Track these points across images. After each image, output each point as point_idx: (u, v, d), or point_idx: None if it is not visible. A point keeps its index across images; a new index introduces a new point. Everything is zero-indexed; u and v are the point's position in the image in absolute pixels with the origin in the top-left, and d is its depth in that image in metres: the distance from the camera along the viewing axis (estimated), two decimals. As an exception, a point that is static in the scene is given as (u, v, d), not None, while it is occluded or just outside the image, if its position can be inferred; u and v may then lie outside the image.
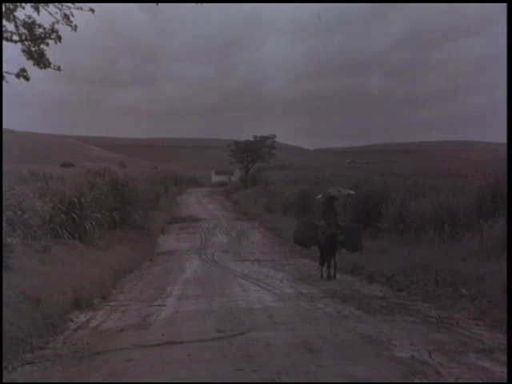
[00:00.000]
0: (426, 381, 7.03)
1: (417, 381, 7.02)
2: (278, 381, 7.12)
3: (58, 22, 10.67)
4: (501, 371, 7.38)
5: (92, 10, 10.72)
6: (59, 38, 10.77)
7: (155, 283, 17.56)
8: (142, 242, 28.05)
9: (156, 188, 53.92)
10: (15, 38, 10.59)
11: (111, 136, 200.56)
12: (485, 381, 7.04)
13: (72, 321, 11.80)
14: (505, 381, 7.01)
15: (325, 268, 17.76)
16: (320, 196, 19.44)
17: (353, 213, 25.03)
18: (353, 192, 20.56)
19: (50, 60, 10.88)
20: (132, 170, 66.04)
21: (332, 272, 17.61)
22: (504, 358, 7.99)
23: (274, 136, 74.14)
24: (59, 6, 10.56)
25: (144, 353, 8.82)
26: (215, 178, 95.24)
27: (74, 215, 22.04)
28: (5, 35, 10.44)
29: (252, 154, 73.13)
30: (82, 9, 10.66)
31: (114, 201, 27.91)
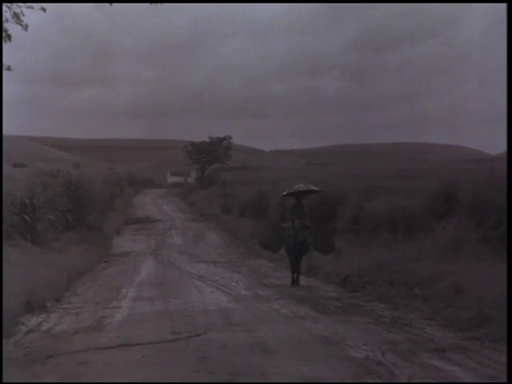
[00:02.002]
0: (379, 380, 7.10)
1: (370, 380, 7.09)
2: (233, 381, 7.12)
3: (7, 20, 10.49)
4: (451, 370, 7.50)
5: (43, 9, 10.57)
6: (9, 37, 10.59)
7: (110, 285, 17.38)
8: (97, 243, 27.74)
9: (111, 189, 53.38)
10: None
11: (66, 137, 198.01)
12: (437, 380, 7.13)
13: (23, 324, 11.59)
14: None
15: (295, 274, 16.45)
16: (286, 192, 17.79)
17: (309, 213, 25.12)
18: (321, 189, 18.88)
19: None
20: (87, 170, 65.25)
21: (295, 277, 16.44)
22: (455, 356, 8.13)
23: (230, 137, 74.21)
24: (8, 5, 10.39)
25: (98, 355, 8.72)
26: (171, 179, 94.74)
27: (26, 216, 21.68)
28: None
29: (208, 155, 73.06)
30: (32, 8, 10.49)
31: (68, 202, 27.58)
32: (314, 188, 17.76)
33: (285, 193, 17.83)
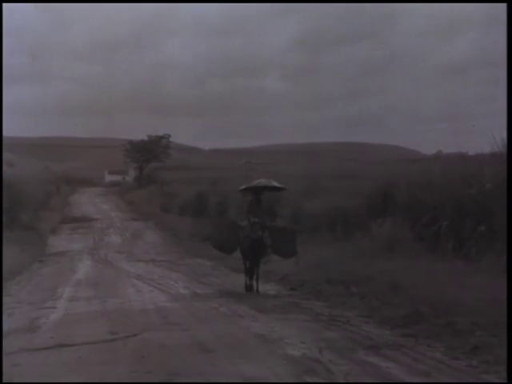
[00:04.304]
0: (316, 378, 7.16)
1: (308, 378, 7.14)
2: (171, 381, 7.07)
3: None
4: (386, 366, 7.62)
5: None
6: None
7: (45, 285, 17.05)
8: (32, 242, 27.19)
9: (47, 188, 52.45)
10: None
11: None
12: (376, 380, 7.21)
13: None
14: None
15: (252, 280, 14.74)
16: (244, 187, 15.72)
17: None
18: (285, 187, 16.41)
19: None
20: (22, 169, 63.84)
21: (254, 284, 14.70)
22: (390, 353, 8.27)
23: (169, 136, 73.71)
24: None
25: (32, 357, 8.53)
26: (109, 178, 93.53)
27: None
28: None
29: (147, 153, 72.38)
30: None
31: (1, 201, 26.95)
32: (276, 184, 15.62)
33: (243, 187, 15.79)
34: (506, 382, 6.92)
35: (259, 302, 13.22)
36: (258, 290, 14.59)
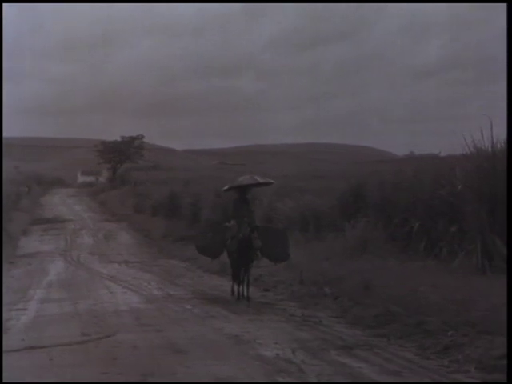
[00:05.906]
0: (289, 378, 7.20)
1: (280, 379, 7.18)
2: (143, 382, 7.06)
3: None
4: (358, 366, 7.68)
5: None
6: None
7: (16, 287, 16.85)
8: (2, 244, 26.83)
9: (17, 188, 51.94)
10: None
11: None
12: (348, 379, 7.25)
13: None
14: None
15: (241, 286, 13.54)
16: (227, 186, 14.68)
17: (222, 213, 25.03)
18: (272, 181, 15.47)
19: None
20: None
21: (244, 290, 13.44)
22: (362, 353, 8.33)
23: (143, 136, 73.51)
24: None
25: (3, 359, 8.44)
26: (82, 179, 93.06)
27: None
28: None
29: (120, 154, 72.06)
30: None
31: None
32: (260, 181, 14.51)
33: (226, 187, 14.76)
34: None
35: (233, 303, 13.22)
36: (247, 296, 13.32)
